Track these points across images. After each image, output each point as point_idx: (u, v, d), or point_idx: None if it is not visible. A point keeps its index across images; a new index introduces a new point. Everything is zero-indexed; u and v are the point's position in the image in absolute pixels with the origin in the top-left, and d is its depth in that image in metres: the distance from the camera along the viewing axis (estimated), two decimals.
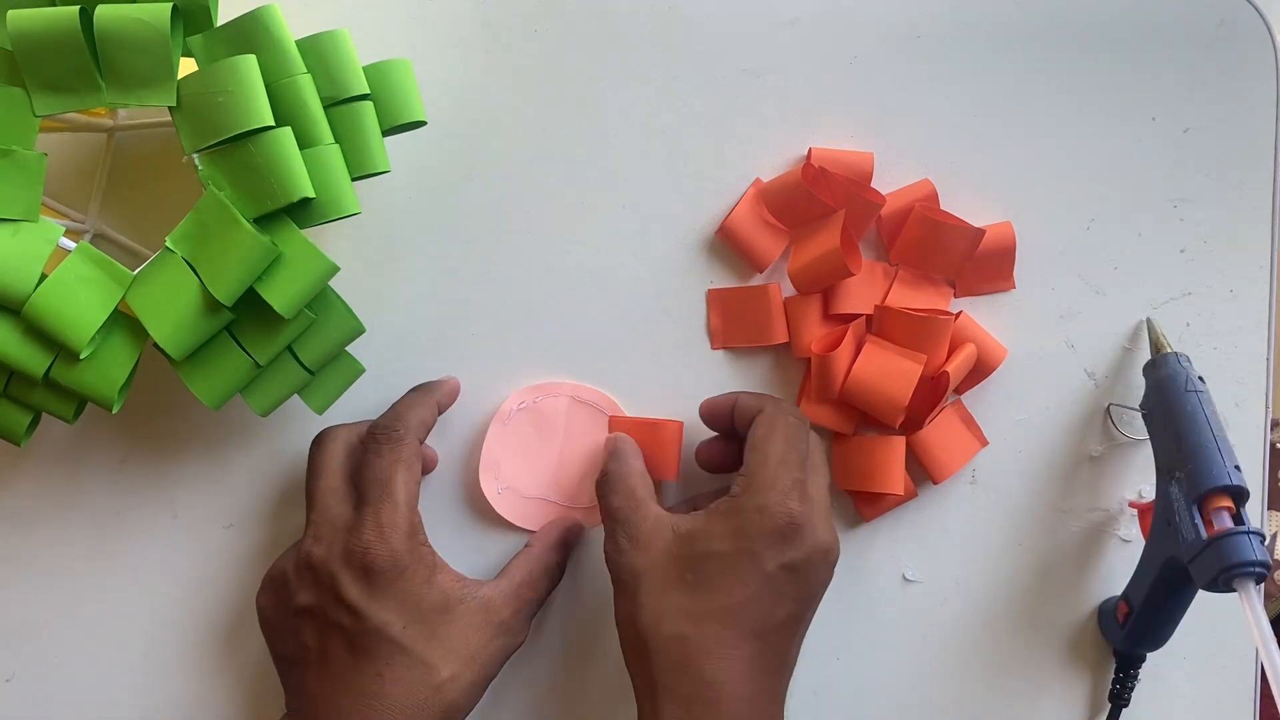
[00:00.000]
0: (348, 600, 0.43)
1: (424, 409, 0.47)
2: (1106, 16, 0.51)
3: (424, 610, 0.43)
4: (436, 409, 0.48)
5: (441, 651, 0.43)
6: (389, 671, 0.43)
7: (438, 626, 0.43)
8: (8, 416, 0.43)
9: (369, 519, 0.43)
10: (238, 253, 0.39)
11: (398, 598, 0.43)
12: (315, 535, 0.44)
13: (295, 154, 0.40)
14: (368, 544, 0.43)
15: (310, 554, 0.44)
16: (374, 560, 0.43)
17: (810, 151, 0.50)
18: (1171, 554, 0.45)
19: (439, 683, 0.43)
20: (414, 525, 0.44)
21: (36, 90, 0.39)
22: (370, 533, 0.43)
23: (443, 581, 0.44)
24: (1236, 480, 0.44)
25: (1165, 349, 0.49)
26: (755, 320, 0.50)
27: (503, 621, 0.45)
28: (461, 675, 0.43)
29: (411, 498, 0.44)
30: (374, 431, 0.46)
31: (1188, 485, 0.44)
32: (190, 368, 0.42)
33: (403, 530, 0.43)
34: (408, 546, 0.43)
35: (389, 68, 0.44)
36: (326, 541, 0.44)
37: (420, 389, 0.49)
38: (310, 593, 0.44)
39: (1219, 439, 0.45)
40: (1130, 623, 0.49)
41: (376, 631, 0.43)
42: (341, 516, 0.44)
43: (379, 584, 0.43)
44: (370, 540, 0.43)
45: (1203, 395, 0.46)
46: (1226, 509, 0.44)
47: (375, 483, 0.44)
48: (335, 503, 0.45)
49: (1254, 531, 0.43)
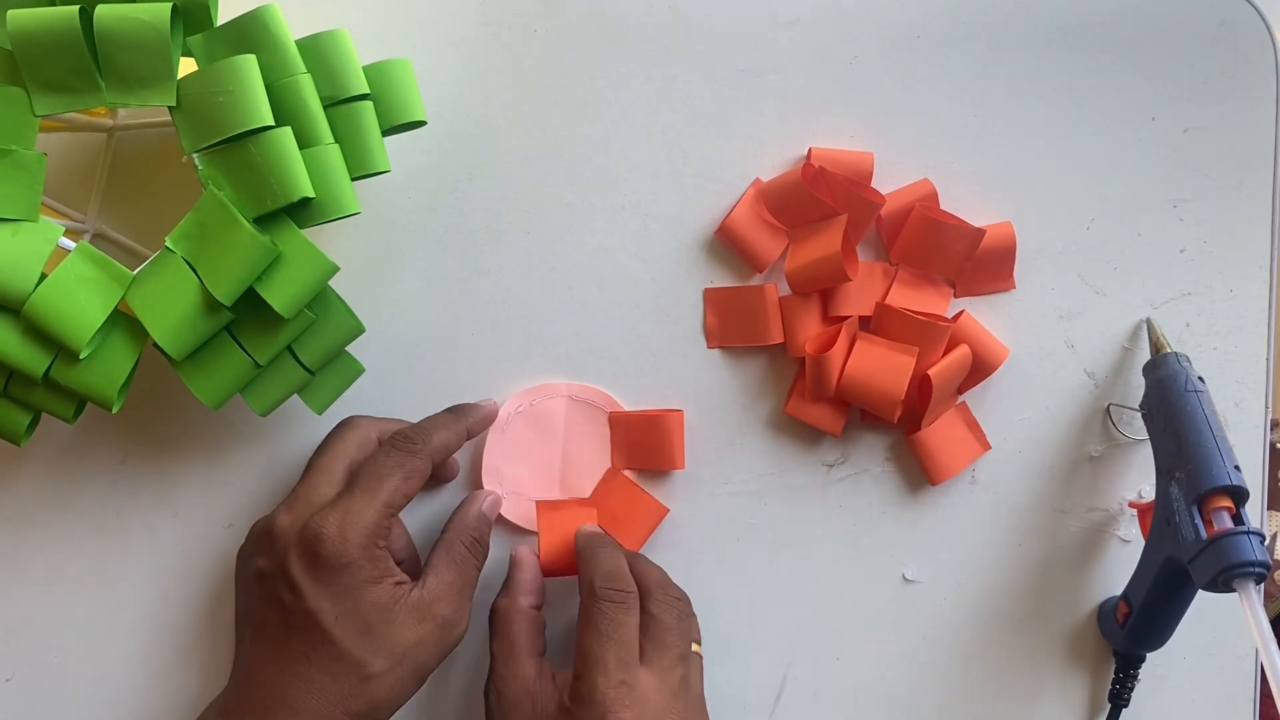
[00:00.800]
0: (291, 577, 0.43)
1: (450, 433, 0.47)
2: (1106, 16, 0.51)
3: (360, 606, 0.43)
4: (465, 435, 0.48)
5: (373, 649, 0.43)
6: (316, 656, 0.43)
7: (373, 624, 0.43)
8: (7, 416, 0.43)
9: (340, 505, 0.43)
10: (238, 252, 0.39)
11: (336, 587, 0.43)
12: (289, 505, 0.45)
13: (295, 154, 0.40)
14: (323, 529, 0.43)
15: (275, 521, 0.44)
16: (323, 546, 0.42)
17: (810, 151, 0.50)
18: (1171, 554, 0.45)
19: (366, 676, 0.43)
20: (380, 528, 0.44)
21: (36, 90, 0.39)
22: (333, 518, 0.43)
23: (386, 585, 0.44)
24: (1236, 480, 0.44)
25: (1165, 349, 0.49)
26: (751, 320, 0.50)
27: (438, 616, 0.45)
28: (391, 672, 0.43)
29: (393, 504, 0.44)
30: (394, 436, 0.46)
31: (1188, 485, 0.44)
32: (190, 368, 0.42)
33: (365, 527, 0.43)
34: (362, 544, 0.43)
35: (389, 67, 0.44)
36: (295, 514, 0.44)
37: (456, 411, 0.49)
38: (265, 559, 0.44)
39: (1219, 439, 0.45)
40: (1130, 623, 0.49)
41: (309, 614, 0.43)
42: (321, 496, 0.45)
43: (322, 570, 0.43)
44: (328, 526, 0.43)
45: (1202, 395, 0.46)
46: (1226, 509, 0.44)
47: (367, 475, 0.44)
48: (323, 482, 0.45)
49: (1254, 531, 0.42)
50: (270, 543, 0.44)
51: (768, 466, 0.51)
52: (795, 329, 0.50)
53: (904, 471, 0.52)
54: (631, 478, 0.51)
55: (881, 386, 0.48)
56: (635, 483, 0.51)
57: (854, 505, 0.52)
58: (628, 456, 0.51)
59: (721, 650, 0.51)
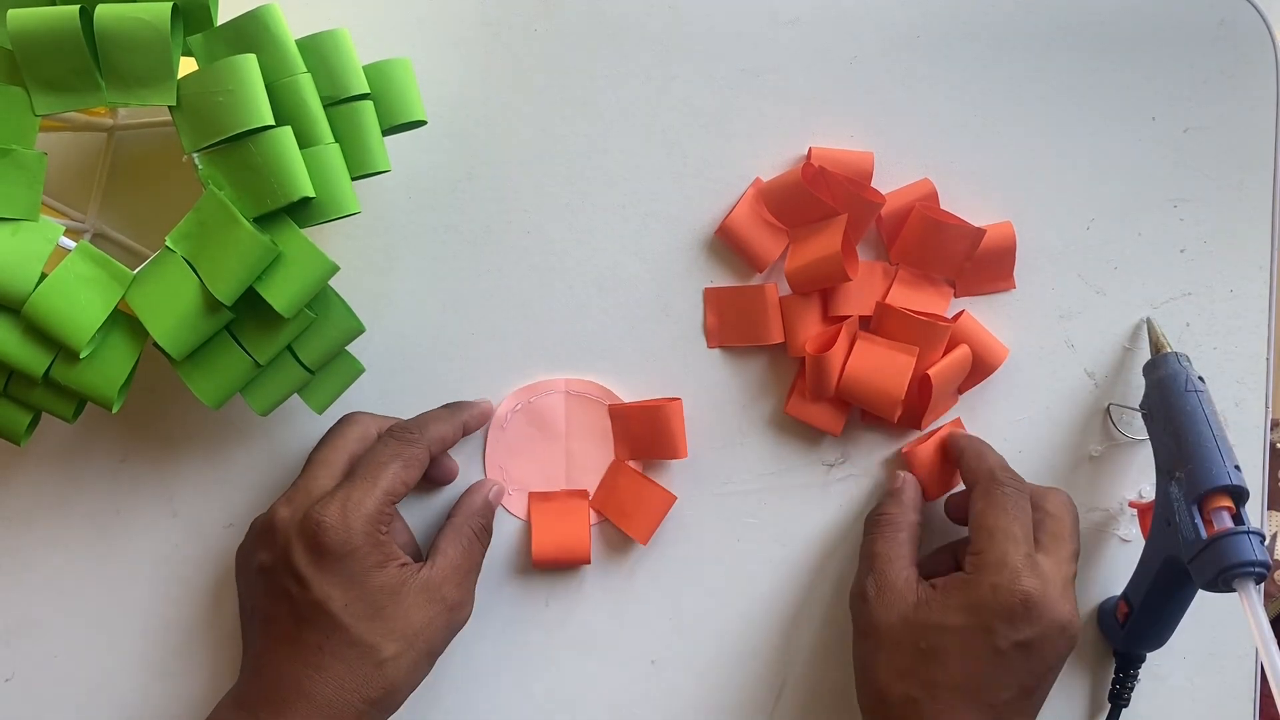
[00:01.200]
0: (295, 568, 0.43)
1: (447, 425, 0.48)
2: (1106, 16, 0.51)
3: (368, 590, 0.43)
4: (461, 429, 0.48)
5: (384, 630, 0.43)
6: (329, 645, 0.43)
7: (383, 607, 0.43)
8: (8, 416, 0.43)
9: (340, 493, 0.44)
10: (237, 252, 0.39)
11: (343, 575, 0.43)
12: (289, 498, 0.45)
13: (295, 153, 0.40)
14: (325, 518, 0.43)
15: (276, 514, 0.44)
16: (326, 534, 0.43)
17: (810, 151, 0.50)
18: (1171, 554, 0.45)
19: (381, 660, 0.43)
20: (382, 515, 0.44)
21: (36, 89, 0.39)
22: (334, 507, 0.43)
23: (391, 568, 0.44)
24: (1236, 480, 0.44)
25: (1165, 349, 0.49)
26: (751, 320, 0.50)
27: (446, 598, 0.45)
28: (405, 654, 0.44)
29: (393, 492, 0.44)
30: (392, 428, 0.47)
31: (1188, 485, 0.44)
32: (190, 367, 0.42)
33: (367, 513, 0.43)
34: (365, 530, 0.43)
35: (389, 67, 0.44)
36: (295, 506, 0.44)
37: (451, 406, 0.49)
38: (267, 553, 0.44)
39: (1219, 439, 0.45)
40: (1130, 623, 0.49)
41: (318, 604, 0.43)
42: (320, 487, 0.45)
43: (326, 559, 0.43)
44: (330, 514, 0.43)
45: (1202, 395, 0.46)
46: (1226, 509, 0.44)
47: (366, 464, 0.45)
48: (323, 473, 0.45)
49: (1254, 531, 0.43)
50: (271, 536, 0.44)
51: (768, 466, 0.51)
52: (795, 328, 0.50)
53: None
54: (636, 469, 0.51)
55: (882, 386, 0.48)
56: (641, 473, 0.51)
57: (854, 505, 0.52)
58: (631, 448, 0.51)
59: (721, 650, 0.51)
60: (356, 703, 0.43)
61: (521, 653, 0.51)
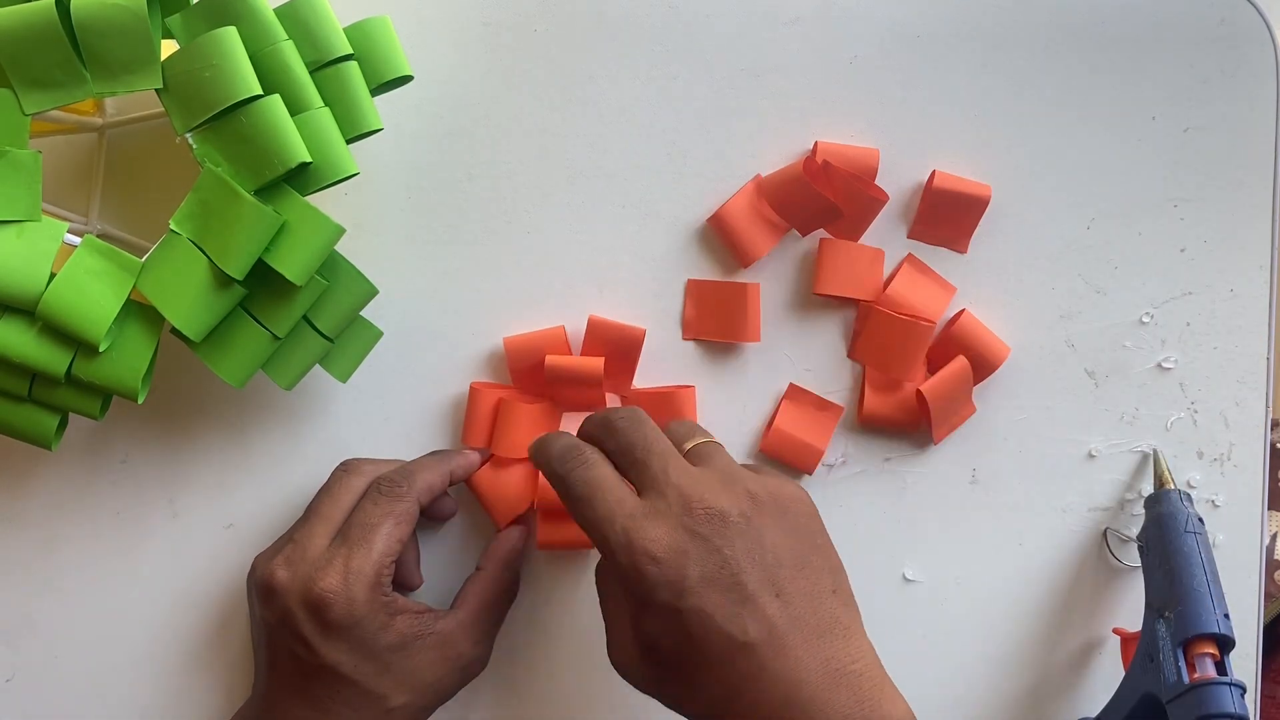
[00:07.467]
0: (301, 635, 0.43)
1: (434, 474, 0.47)
2: (1106, 16, 0.51)
3: (377, 650, 0.43)
4: (449, 477, 0.48)
5: (393, 683, 0.44)
6: (339, 696, 0.43)
7: (392, 663, 0.44)
8: (36, 420, 0.42)
9: (339, 562, 0.43)
10: (242, 226, 0.39)
11: (350, 642, 0.43)
12: (287, 558, 0.44)
13: (287, 120, 0.39)
14: (328, 591, 0.42)
15: (274, 576, 0.44)
16: (330, 611, 0.43)
17: (816, 145, 0.50)
18: (1151, 690, 0.46)
19: (389, 708, 0.44)
20: (380, 577, 0.44)
21: (23, 88, 0.39)
22: (334, 577, 0.43)
23: (400, 624, 0.44)
24: (1224, 629, 0.44)
25: (1169, 484, 0.50)
26: (730, 316, 0.50)
27: (461, 654, 0.45)
28: (413, 703, 0.44)
29: (389, 552, 0.44)
30: (379, 481, 0.46)
31: (1176, 626, 0.45)
32: (209, 348, 0.42)
33: (367, 580, 0.43)
34: (367, 597, 0.43)
35: (369, 26, 0.43)
36: (293, 569, 0.44)
37: (438, 454, 0.49)
38: (270, 613, 0.44)
39: (1212, 583, 0.45)
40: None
41: (326, 667, 0.43)
42: (317, 548, 0.44)
43: (333, 629, 0.43)
44: (332, 587, 0.43)
45: (1200, 537, 0.47)
46: (1211, 655, 0.44)
47: (359, 526, 0.44)
48: (321, 531, 0.45)
49: (1236, 684, 0.43)
50: (270, 597, 0.44)
51: (768, 466, 0.51)
52: None
53: (904, 471, 0.52)
54: None
55: None
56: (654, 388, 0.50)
57: (854, 505, 0.52)
58: None
59: None
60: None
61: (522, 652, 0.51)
